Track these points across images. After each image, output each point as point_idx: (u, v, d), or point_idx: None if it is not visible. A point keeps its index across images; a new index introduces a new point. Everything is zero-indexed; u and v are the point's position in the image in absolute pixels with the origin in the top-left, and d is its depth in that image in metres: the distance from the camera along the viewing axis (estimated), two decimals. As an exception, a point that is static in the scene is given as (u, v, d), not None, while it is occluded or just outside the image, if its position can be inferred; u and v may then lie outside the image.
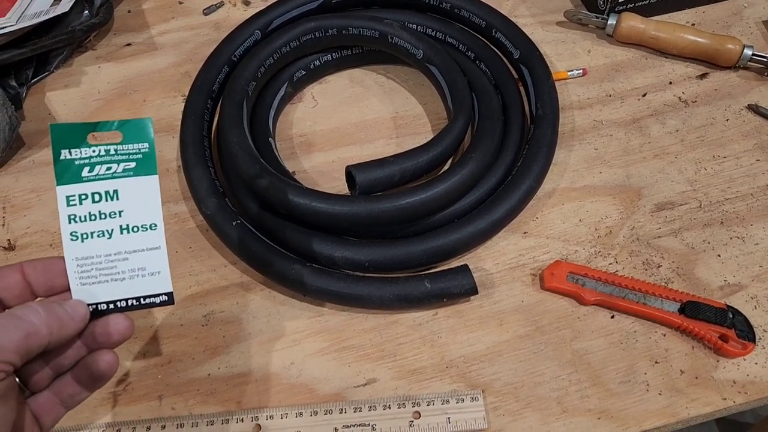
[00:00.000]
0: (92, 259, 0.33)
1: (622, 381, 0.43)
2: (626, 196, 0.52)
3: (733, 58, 0.58)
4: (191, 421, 0.42)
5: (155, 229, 0.34)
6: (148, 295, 0.34)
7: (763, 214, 0.50)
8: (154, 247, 0.34)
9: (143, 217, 0.34)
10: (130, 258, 0.34)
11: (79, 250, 0.33)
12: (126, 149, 0.33)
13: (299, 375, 0.44)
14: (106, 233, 0.33)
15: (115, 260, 0.33)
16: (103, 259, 0.33)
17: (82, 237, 0.33)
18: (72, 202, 0.33)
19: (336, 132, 0.57)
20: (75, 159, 0.33)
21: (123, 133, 0.33)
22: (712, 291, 0.47)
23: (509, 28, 0.57)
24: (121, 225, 0.33)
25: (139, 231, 0.34)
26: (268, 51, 0.54)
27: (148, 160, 0.34)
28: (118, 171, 0.33)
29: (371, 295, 0.45)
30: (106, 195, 0.33)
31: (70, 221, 0.33)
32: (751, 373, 0.43)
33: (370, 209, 0.45)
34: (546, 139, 0.51)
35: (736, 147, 0.54)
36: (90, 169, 0.33)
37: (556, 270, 0.47)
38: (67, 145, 0.33)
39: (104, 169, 0.33)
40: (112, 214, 0.33)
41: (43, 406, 0.32)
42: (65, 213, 0.33)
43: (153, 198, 0.34)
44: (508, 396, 0.43)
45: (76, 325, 0.32)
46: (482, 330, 0.46)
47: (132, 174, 0.33)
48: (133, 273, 0.34)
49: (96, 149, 0.33)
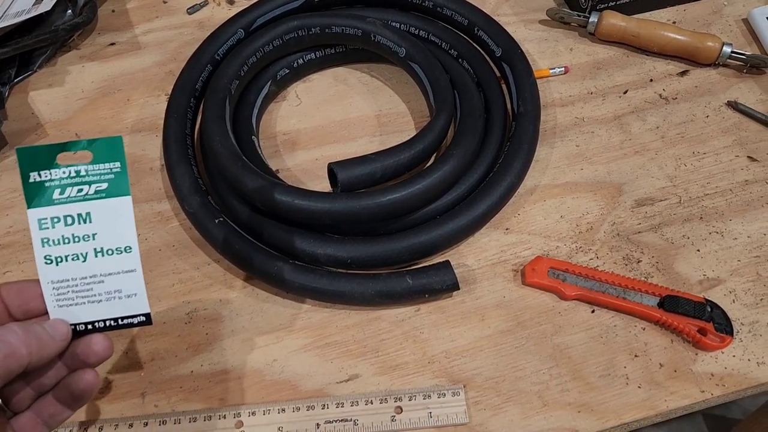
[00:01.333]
0: (68, 282, 0.33)
1: (602, 375, 0.44)
2: (607, 192, 0.52)
3: (713, 56, 0.58)
4: (174, 419, 0.42)
5: (130, 252, 0.33)
6: (125, 316, 0.34)
7: (742, 210, 0.51)
8: (129, 270, 0.34)
9: (117, 240, 0.33)
10: (106, 281, 0.33)
11: (55, 274, 0.33)
12: (97, 169, 0.33)
13: (282, 371, 0.44)
14: (80, 256, 0.33)
15: (91, 283, 0.33)
16: (79, 282, 0.33)
17: (57, 260, 0.33)
18: (44, 226, 0.32)
19: (319, 130, 0.57)
20: (45, 181, 0.32)
21: (93, 153, 0.33)
22: (691, 285, 0.47)
23: (491, 26, 0.57)
24: (95, 248, 0.33)
25: (114, 254, 0.33)
26: (251, 49, 0.54)
27: (120, 180, 0.33)
28: (90, 193, 0.33)
29: (353, 292, 0.45)
30: (78, 218, 0.33)
31: (44, 245, 0.32)
32: (729, 365, 0.44)
33: (352, 206, 0.45)
34: (527, 136, 0.51)
35: (715, 143, 0.55)
36: (61, 192, 0.32)
37: (537, 265, 0.47)
38: (36, 168, 0.32)
39: (75, 191, 0.32)
40: (86, 237, 0.33)
41: (24, 426, 0.32)
42: (38, 236, 0.32)
43: (126, 220, 0.33)
44: (490, 390, 0.43)
45: (56, 345, 0.32)
46: (464, 325, 0.46)
47: (104, 195, 0.33)
48: (110, 295, 0.33)
49: (66, 170, 0.32)
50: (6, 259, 0.50)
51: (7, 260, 0.50)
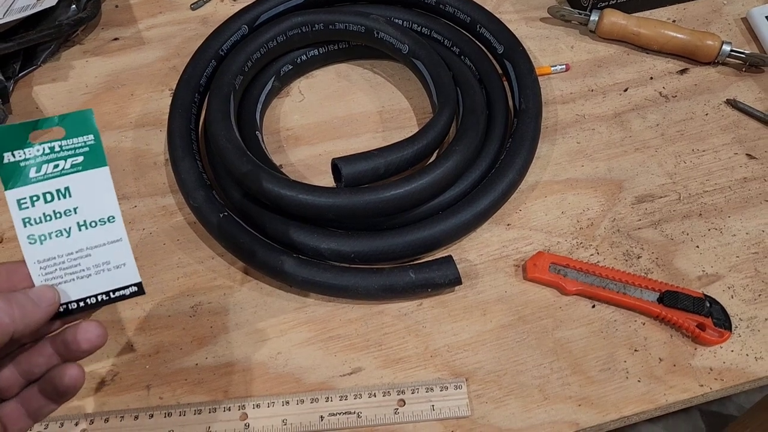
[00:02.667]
0: (54, 259, 0.32)
1: (602, 369, 0.44)
2: (607, 189, 0.53)
3: (713, 54, 0.59)
4: (179, 411, 0.43)
5: (113, 222, 0.33)
6: (117, 288, 0.34)
7: (741, 207, 0.52)
8: (115, 240, 0.33)
9: (99, 211, 0.33)
10: (93, 253, 0.33)
11: (40, 253, 0.32)
12: (71, 144, 0.32)
13: (286, 364, 0.45)
14: (64, 232, 0.32)
15: (77, 258, 0.33)
16: (66, 258, 0.33)
17: (40, 239, 0.32)
18: (24, 205, 0.32)
19: (323, 126, 0.57)
20: (20, 161, 0.32)
21: (65, 128, 0.32)
22: (690, 281, 0.48)
23: (493, 23, 0.58)
24: (78, 222, 0.33)
25: (98, 225, 0.33)
26: (255, 45, 0.54)
27: (95, 152, 0.33)
28: (66, 167, 0.32)
29: (357, 286, 0.45)
30: (57, 193, 0.32)
31: (25, 224, 0.32)
32: (728, 360, 0.45)
33: (355, 201, 0.45)
34: (529, 132, 0.52)
35: (714, 141, 0.56)
36: (37, 170, 0.32)
37: (538, 261, 0.48)
38: (8, 148, 0.31)
39: (51, 167, 0.32)
40: (67, 212, 0.32)
41: (9, 416, 0.32)
42: (19, 217, 0.32)
43: (106, 190, 0.33)
44: (491, 384, 0.44)
45: (42, 312, 0.31)
46: (466, 320, 0.46)
47: (81, 168, 0.32)
48: (99, 268, 0.33)
49: (40, 148, 0.32)
50: (10, 254, 0.50)
51: (11, 254, 0.50)
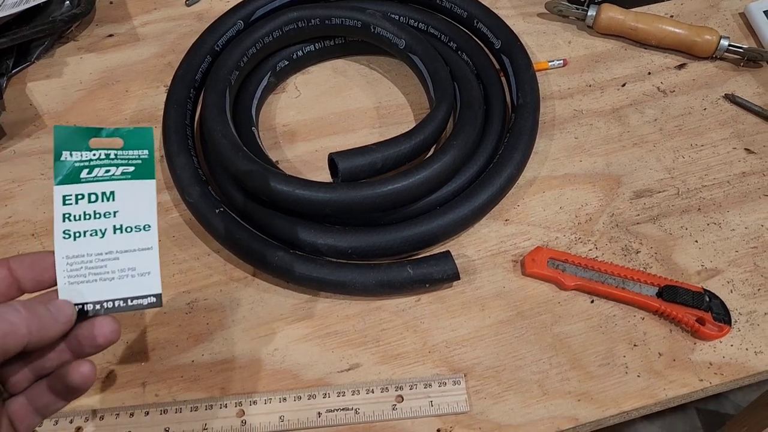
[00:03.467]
0: (83, 257, 0.33)
1: (601, 364, 0.44)
2: (606, 184, 0.52)
3: (710, 49, 0.59)
4: (175, 408, 0.42)
5: (148, 230, 0.34)
6: (136, 296, 0.34)
7: (739, 201, 0.51)
8: (146, 248, 0.34)
9: (137, 218, 0.34)
10: (121, 258, 0.33)
11: (71, 249, 0.33)
12: (126, 155, 0.34)
13: (283, 361, 0.45)
14: (99, 232, 0.33)
15: (106, 259, 0.33)
16: (94, 258, 0.33)
17: (75, 235, 0.33)
18: (68, 202, 0.33)
19: (319, 122, 0.57)
20: (75, 161, 0.33)
21: (124, 140, 0.34)
22: (689, 276, 0.48)
23: (491, 18, 0.57)
24: (115, 225, 0.33)
25: (132, 231, 0.34)
26: (250, 40, 0.54)
27: (146, 165, 0.34)
28: (117, 174, 0.34)
29: (354, 282, 0.45)
30: (102, 196, 0.33)
31: (65, 219, 0.33)
32: (727, 354, 0.44)
33: (352, 196, 0.45)
34: (527, 127, 0.51)
35: (713, 135, 0.55)
36: (89, 172, 0.33)
37: (537, 256, 0.47)
38: (68, 147, 0.33)
39: (103, 171, 0.33)
40: (107, 214, 0.33)
41: (17, 413, 0.32)
42: (60, 212, 0.33)
43: (148, 200, 0.34)
44: (490, 379, 0.44)
45: (59, 327, 0.31)
46: (464, 315, 0.46)
47: (130, 177, 0.34)
48: (123, 273, 0.33)
49: (96, 153, 0.33)
50: (5, 250, 0.50)
51: (6, 251, 0.50)
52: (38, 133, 0.56)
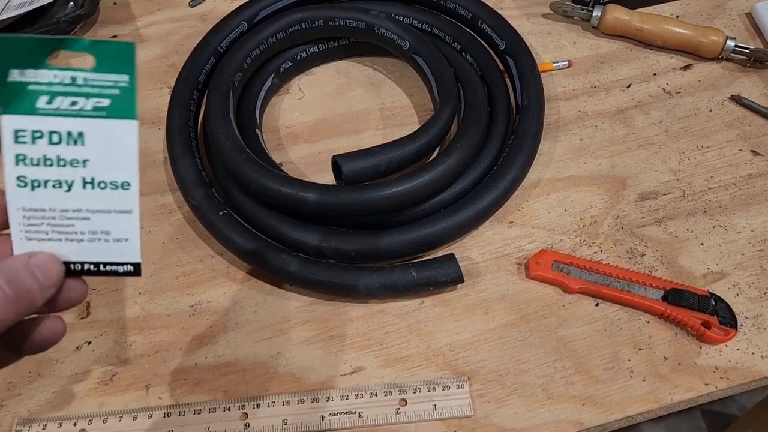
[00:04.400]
0: (43, 212, 0.27)
1: (606, 368, 0.44)
2: (611, 186, 0.52)
3: (717, 50, 0.58)
4: (178, 411, 0.42)
5: (128, 189, 0.28)
6: (109, 263, 0.28)
7: (746, 203, 0.51)
8: (123, 210, 0.28)
9: (114, 172, 0.27)
10: (93, 218, 0.28)
11: (27, 200, 0.27)
12: (99, 80, 0.26)
13: (286, 364, 0.44)
14: (63, 184, 0.27)
15: (72, 218, 0.28)
16: (58, 214, 0.27)
17: (33, 184, 0.27)
18: (22, 139, 0.26)
19: (323, 123, 0.57)
20: (29, 83, 0.26)
21: (96, 58, 0.26)
22: (695, 279, 0.47)
23: (495, 19, 0.57)
24: (84, 177, 0.27)
25: (107, 188, 0.28)
26: (254, 42, 0.54)
27: (126, 98, 0.27)
28: (86, 108, 0.27)
29: (358, 285, 0.45)
30: (68, 137, 0.27)
31: (18, 162, 0.27)
32: (733, 359, 0.44)
33: (356, 199, 0.45)
34: (531, 129, 0.51)
35: (719, 137, 0.55)
36: (49, 100, 0.26)
37: (541, 259, 0.47)
38: (18, 64, 0.25)
39: (68, 102, 0.26)
40: (74, 162, 0.27)
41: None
42: (12, 151, 0.26)
43: (129, 149, 0.27)
44: (494, 383, 0.43)
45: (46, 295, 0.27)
46: (468, 318, 0.46)
47: (104, 114, 0.27)
48: (95, 236, 0.28)
49: (59, 74, 0.26)
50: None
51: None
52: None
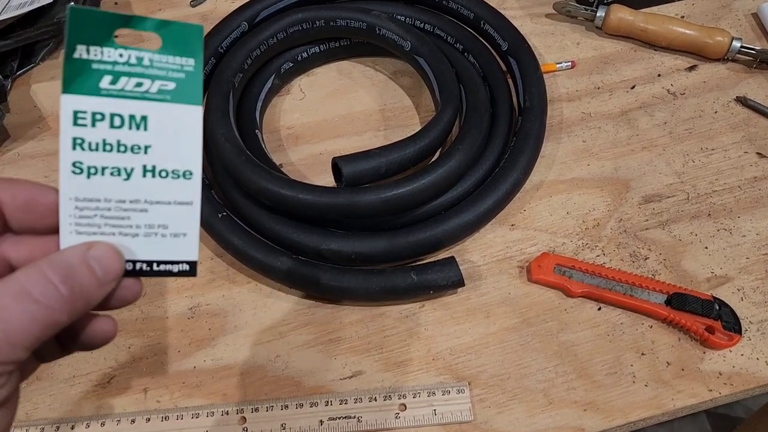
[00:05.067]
0: (98, 203, 0.25)
1: (608, 373, 0.43)
2: (614, 189, 0.52)
3: (722, 51, 0.58)
4: (176, 414, 0.42)
5: (190, 178, 0.26)
6: (164, 260, 0.27)
7: (751, 207, 0.50)
8: (184, 201, 0.26)
9: (177, 160, 0.26)
10: (151, 210, 0.26)
11: (82, 188, 0.25)
12: (165, 62, 0.25)
13: (285, 367, 0.44)
14: (123, 172, 0.25)
15: (129, 210, 0.26)
16: (114, 205, 0.25)
17: (89, 171, 0.25)
18: (81, 121, 0.24)
19: (323, 124, 0.56)
20: (93, 61, 0.24)
21: (164, 39, 0.25)
22: (699, 283, 0.47)
23: (497, 19, 0.56)
24: (145, 165, 0.25)
25: (168, 177, 0.26)
26: (254, 42, 0.54)
27: (192, 83, 0.26)
28: (152, 91, 0.25)
29: (357, 288, 0.44)
30: (130, 121, 0.25)
31: (75, 146, 0.25)
32: (737, 364, 0.44)
33: (356, 201, 0.44)
34: (534, 131, 0.51)
35: (724, 139, 0.54)
36: (113, 80, 0.25)
37: (543, 262, 0.47)
38: (86, 40, 0.24)
39: (132, 83, 0.25)
40: (135, 148, 0.25)
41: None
42: (69, 134, 0.24)
43: (193, 136, 0.26)
44: (495, 388, 0.43)
45: (104, 292, 0.25)
46: (469, 322, 0.46)
47: (169, 98, 0.25)
48: (151, 230, 0.26)
49: (125, 53, 0.24)
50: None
51: None
52: (42, 136, 0.56)
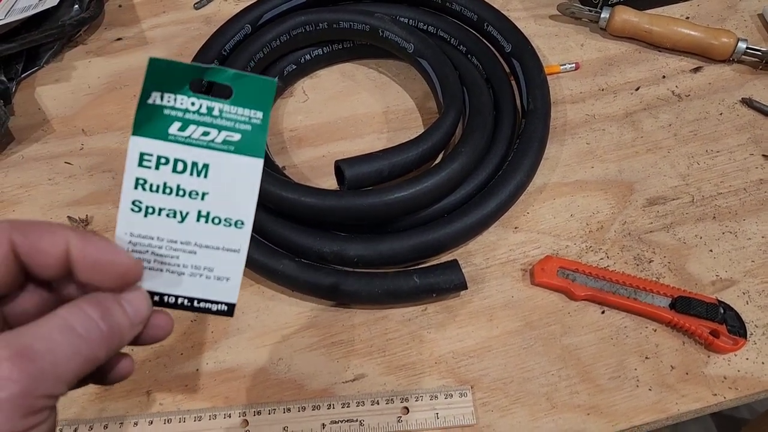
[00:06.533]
0: (151, 240, 0.26)
1: (612, 377, 0.43)
2: (618, 191, 0.51)
3: (727, 52, 0.57)
4: (179, 417, 0.42)
5: (241, 228, 0.27)
6: (204, 299, 0.28)
7: (756, 209, 0.50)
8: (232, 249, 0.27)
9: (230, 209, 0.27)
10: (199, 253, 0.27)
11: (138, 226, 0.26)
12: (234, 113, 0.26)
13: (288, 371, 0.44)
14: (178, 215, 0.26)
15: (179, 250, 0.27)
16: (165, 244, 0.27)
17: (147, 211, 0.26)
18: (146, 163, 0.25)
19: (327, 127, 0.56)
20: (165, 107, 0.25)
21: (236, 91, 0.26)
22: (703, 286, 0.47)
23: (501, 21, 0.56)
24: (200, 210, 0.27)
25: (221, 224, 0.27)
26: (258, 45, 0.54)
27: (257, 135, 0.26)
28: (217, 141, 0.26)
29: (360, 291, 0.44)
30: (193, 167, 0.26)
31: (137, 186, 0.26)
32: (742, 368, 0.43)
33: (359, 204, 0.44)
34: (537, 133, 0.50)
35: (729, 141, 0.54)
36: (181, 127, 0.26)
37: (546, 265, 0.47)
38: (161, 87, 0.25)
39: (200, 132, 0.26)
40: (193, 193, 0.26)
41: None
42: (133, 174, 0.26)
43: (250, 188, 0.27)
44: (497, 392, 0.43)
45: (134, 333, 0.26)
46: (472, 325, 0.45)
47: (233, 150, 0.26)
48: (197, 271, 0.27)
49: (197, 102, 0.26)
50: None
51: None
52: (46, 138, 0.56)
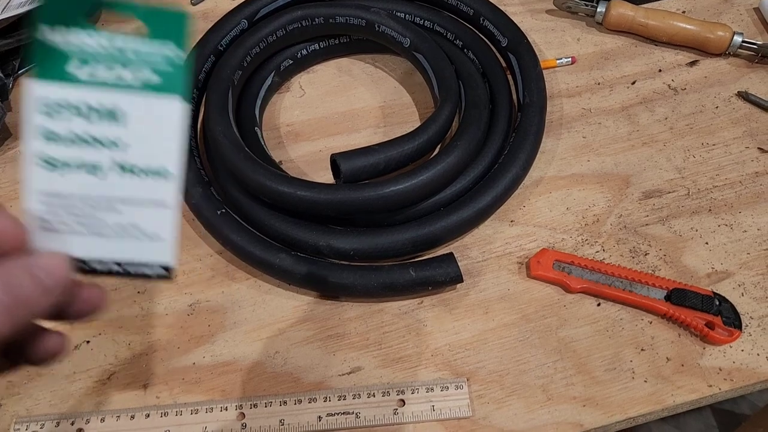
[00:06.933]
0: (66, 199, 0.23)
1: (607, 368, 0.43)
2: (614, 184, 0.51)
3: (723, 46, 0.57)
4: (175, 410, 0.42)
5: (168, 178, 0.24)
6: (136, 263, 0.25)
7: (752, 202, 0.50)
8: (160, 202, 0.24)
9: (154, 158, 0.24)
10: (124, 211, 0.24)
11: (49, 182, 0.23)
12: (145, 50, 0.23)
13: (284, 364, 0.44)
14: (95, 168, 0.23)
15: (100, 208, 0.24)
16: (84, 203, 0.24)
17: (57, 165, 0.23)
18: (50, 111, 0.23)
19: (323, 121, 0.56)
20: (64, 43, 0.22)
21: (149, 27, 0.23)
22: (699, 278, 0.47)
23: (497, 16, 0.56)
24: (120, 161, 0.24)
25: (143, 175, 0.24)
26: (254, 40, 0.54)
27: (176, 75, 0.23)
28: (128, 81, 0.23)
29: (356, 284, 0.44)
30: (107, 114, 0.23)
31: (42, 138, 0.23)
32: (738, 360, 0.43)
33: (355, 197, 0.44)
34: (533, 127, 0.51)
35: (725, 134, 0.54)
36: (89, 69, 0.23)
37: (542, 258, 0.47)
38: (54, 20, 0.22)
39: (107, 72, 0.23)
40: (111, 143, 0.23)
41: None
42: (36, 123, 0.23)
43: (173, 132, 0.24)
44: (493, 384, 0.43)
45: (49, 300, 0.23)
46: (468, 318, 0.46)
47: (149, 90, 0.23)
48: (123, 231, 0.24)
49: (104, 40, 0.22)
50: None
51: None
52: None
